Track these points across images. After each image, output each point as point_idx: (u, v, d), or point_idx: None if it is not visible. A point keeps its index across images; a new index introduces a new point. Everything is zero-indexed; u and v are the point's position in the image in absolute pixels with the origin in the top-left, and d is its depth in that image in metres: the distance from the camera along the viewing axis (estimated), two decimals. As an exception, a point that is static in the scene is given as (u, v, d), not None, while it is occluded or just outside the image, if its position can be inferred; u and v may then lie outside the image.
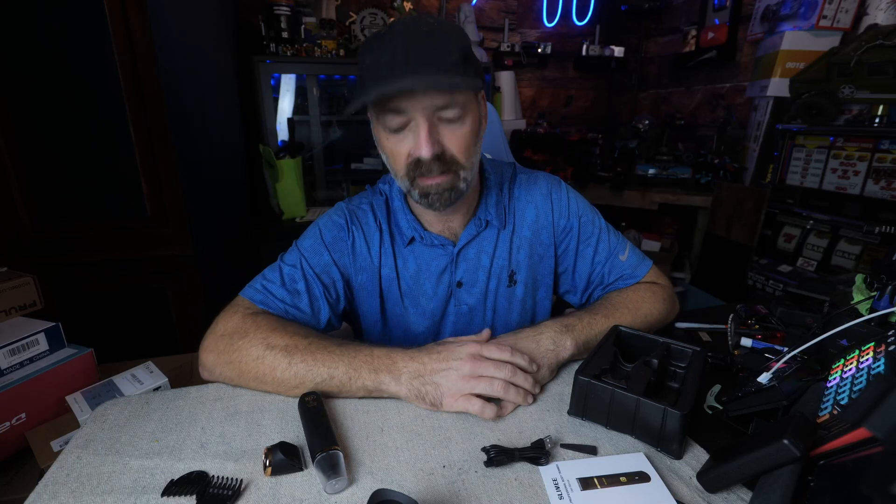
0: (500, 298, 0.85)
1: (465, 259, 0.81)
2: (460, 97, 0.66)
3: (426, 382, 0.61)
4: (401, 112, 0.65)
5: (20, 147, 1.30)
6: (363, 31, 2.25)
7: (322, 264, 0.77)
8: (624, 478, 0.50)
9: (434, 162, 0.66)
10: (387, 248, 0.80)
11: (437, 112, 0.65)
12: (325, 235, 0.79)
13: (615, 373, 0.64)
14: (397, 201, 0.81)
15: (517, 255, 0.83)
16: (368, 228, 0.80)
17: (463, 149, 0.68)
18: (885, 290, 0.67)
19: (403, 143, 0.67)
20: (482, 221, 0.80)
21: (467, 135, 0.68)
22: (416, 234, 0.79)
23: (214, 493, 0.48)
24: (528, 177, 0.86)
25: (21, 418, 0.84)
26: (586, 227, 0.85)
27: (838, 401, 0.48)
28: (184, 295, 1.53)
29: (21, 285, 0.99)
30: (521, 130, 2.81)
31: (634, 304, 0.79)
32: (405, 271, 0.81)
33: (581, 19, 3.03)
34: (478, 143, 0.72)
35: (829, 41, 1.95)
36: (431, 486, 0.50)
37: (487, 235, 0.82)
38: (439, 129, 0.66)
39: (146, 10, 1.27)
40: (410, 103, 0.63)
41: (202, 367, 0.69)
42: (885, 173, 1.61)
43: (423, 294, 0.82)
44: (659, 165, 2.53)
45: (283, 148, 2.19)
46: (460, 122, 0.67)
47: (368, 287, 0.81)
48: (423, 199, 0.70)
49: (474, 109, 0.70)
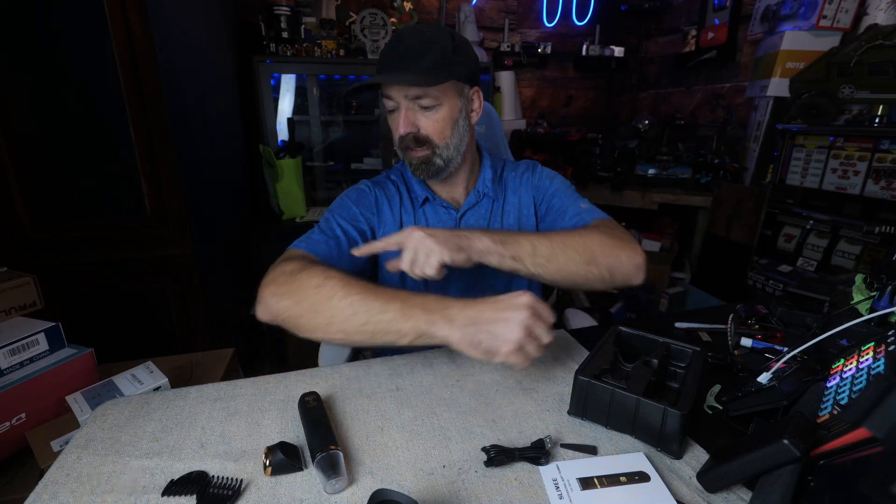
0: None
1: (466, 224, 0.95)
2: (433, 91, 0.81)
3: (481, 331, 0.59)
4: (390, 98, 0.83)
5: (20, 147, 1.30)
6: (363, 31, 2.25)
7: (351, 215, 0.89)
8: (624, 478, 0.50)
9: (410, 139, 0.83)
10: (407, 207, 0.94)
11: (415, 101, 0.82)
12: (350, 196, 0.93)
13: (615, 373, 0.64)
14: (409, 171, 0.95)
15: (508, 219, 0.97)
16: (389, 191, 0.95)
17: (437, 131, 0.84)
18: (885, 290, 0.67)
19: (395, 123, 0.85)
20: (480, 193, 0.96)
21: (441, 120, 0.84)
22: (428, 195, 0.94)
23: (214, 493, 0.48)
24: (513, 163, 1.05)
25: (21, 418, 0.84)
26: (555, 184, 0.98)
27: (838, 401, 0.48)
28: (184, 295, 1.53)
29: (21, 285, 0.99)
30: (521, 130, 2.81)
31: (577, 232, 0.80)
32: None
33: (581, 19, 3.03)
34: (455, 128, 0.86)
35: (829, 41, 1.94)
36: (431, 486, 0.50)
37: (485, 205, 0.97)
38: (417, 114, 0.83)
39: (146, 10, 1.27)
40: (394, 92, 0.82)
41: (261, 303, 0.69)
42: (885, 173, 1.61)
43: None
44: (659, 165, 2.53)
45: (283, 148, 2.19)
46: (434, 110, 0.83)
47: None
48: (409, 166, 0.88)
49: (452, 99, 0.84)
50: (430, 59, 0.80)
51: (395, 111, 0.85)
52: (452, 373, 0.73)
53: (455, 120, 0.86)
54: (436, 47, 0.80)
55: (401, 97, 0.82)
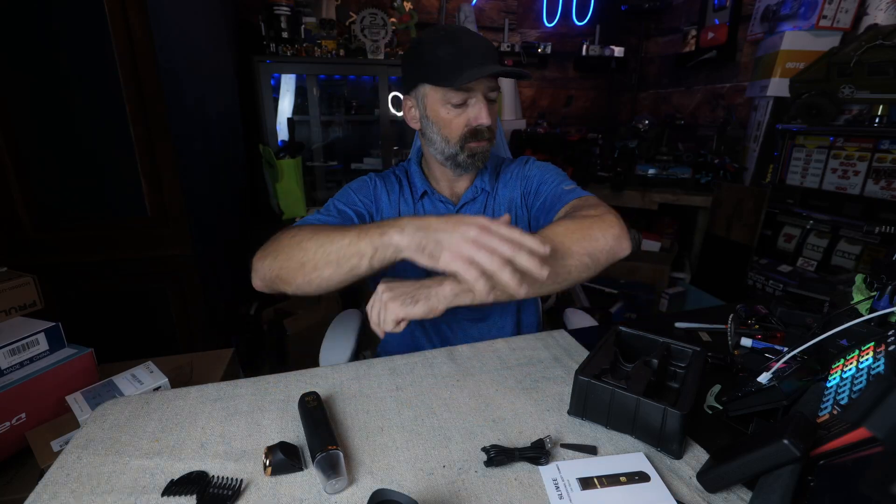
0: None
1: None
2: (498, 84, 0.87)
3: (429, 237, 0.61)
4: (469, 91, 0.84)
5: (20, 147, 1.30)
6: (363, 31, 2.25)
7: (350, 201, 0.94)
8: (624, 478, 0.50)
9: (487, 129, 0.87)
10: (407, 198, 0.98)
11: (490, 92, 0.86)
12: (352, 185, 0.99)
13: (615, 373, 0.64)
14: (413, 167, 1.00)
15: (500, 212, 1.00)
16: (389, 182, 0.99)
17: (495, 122, 0.91)
18: (885, 290, 0.67)
19: (462, 116, 0.86)
20: (478, 189, 0.98)
21: (496, 112, 0.90)
22: (426, 188, 0.97)
23: (214, 493, 0.48)
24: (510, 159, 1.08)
25: (21, 418, 0.84)
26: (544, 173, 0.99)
27: (838, 401, 0.48)
28: (184, 295, 1.53)
29: (21, 285, 0.99)
30: (521, 130, 2.81)
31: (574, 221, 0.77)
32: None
33: (581, 19, 3.03)
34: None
35: (829, 41, 1.94)
36: (431, 486, 0.50)
37: (482, 200, 0.99)
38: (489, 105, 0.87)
39: (146, 10, 1.27)
40: (478, 84, 0.84)
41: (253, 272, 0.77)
42: (885, 173, 1.61)
43: None
44: (659, 165, 2.52)
45: (283, 148, 2.19)
46: (495, 103, 0.89)
47: None
48: (469, 159, 0.89)
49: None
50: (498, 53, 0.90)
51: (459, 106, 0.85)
52: (452, 373, 0.73)
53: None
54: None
55: (483, 89, 0.84)
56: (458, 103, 0.85)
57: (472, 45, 0.83)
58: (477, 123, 0.85)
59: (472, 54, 0.82)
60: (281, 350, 2.03)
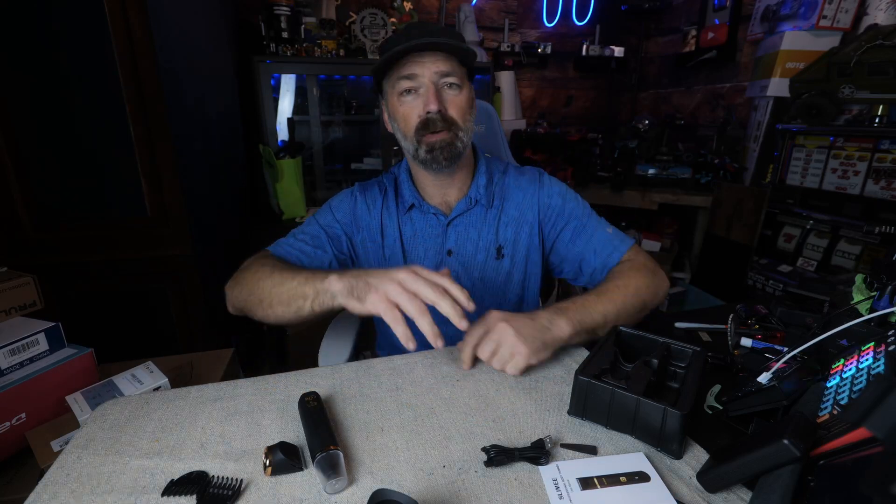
0: (487, 270, 0.94)
1: (455, 230, 0.93)
2: (458, 70, 0.82)
3: (360, 280, 0.66)
4: (412, 78, 0.80)
5: (20, 147, 1.30)
6: (363, 31, 2.25)
7: (327, 221, 0.93)
8: (624, 478, 0.50)
9: (438, 118, 0.81)
10: (391, 211, 0.94)
11: (441, 79, 0.81)
12: (332, 203, 0.96)
13: (615, 373, 0.64)
14: (403, 175, 0.95)
15: (504, 231, 0.94)
16: (371, 195, 0.95)
17: (460, 112, 0.84)
18: (885, 290, 0.67)
19: (413, 106, 0.83)
20: (472, 200, 0.93)
21: (463, 102, 0.84)
22: (415, 200, 0.92)
23: (214, 493, 0.48)
24: (517, 169, 1.00)
25: (21, 418, 0.84)
26: (568, 203, 0.95)
27: (838, 401, 0.48)
28: (184, 295, 1.53)
29: (21, 285, 0.99)
30: (521, 130, 2.81)
31: (624, 281, 0.83)
32: (405, 233, 0.94)
33: (581, 19, 3.03)
34: (472, 114, 0.87)
35: (829, 41, 1.94)
36: (431, 486, 0.50)
37: (476, 212, 0.94)
38: (442, 93, 0.82)
39: (146, 10, 1.27)
40: (421, 69, 0.79)
41: (227, 301, 0.84)
42: (885, 173, 1.61)
43: (417, 257, 0.94)
44: (659, 165, 2.52)
45: (283, 148, 2.19)
46: (458, 90, 0.83)
47: (368, 244, 0.94)
48: (428, 154, 0.83)
49: (469, 86, 0.86)
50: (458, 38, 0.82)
51: (412, 93, 0.82)
52: (452, 373, 0.73)
53: (472, 106, 0.87)
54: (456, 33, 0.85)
55: (429, 73, 0.80)
56: (405, 90, 0.82)
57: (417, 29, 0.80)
58: (425, 110, 0.81)
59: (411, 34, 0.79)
60: (281, 350, 2.03)
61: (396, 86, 0.83)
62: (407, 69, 0.80)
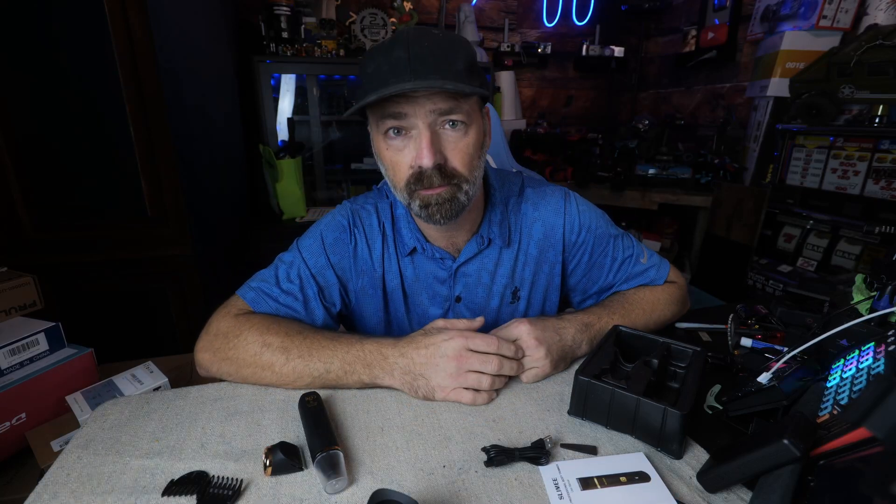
0: (501, 316, 0.84)
1: (464, 275, 0.80)
2: (465, 105, 0.64)
3: (417, 377, 0.64)
4: (401, 117, 0.62)
5: (20, 147, 1.30)
6: (363, 31, 2.25)
7: (319, 266, 0.76)
8: (624, 478, 0.50)
9: (435, 173, 0.64)
10: (390, 252, 0.79)
11: (441, 118, 0.63)
12: (325, 237, 0.77)
13: (615, 373, 0.64)
14: (401, 209, 0.78)
15: (522, 271, 0.82)
16: (371, 231, 0.79)
17: (465, 161, 0.66)
18: (885, 290, 0.67)
19: (404, 153, 0.65)
20: (484, 239, 0.78)
21: (470, 146, 0.66)
22: (417, 244, 0.77)
23: (214, 493, 0.48)
24: (535, 191, 0.83)
25: (21, 418, 0.84)
26: (601, 240, 0.83)
27: (838, 401, 0.48)
28: (184, 295, 1.53)
29: (21, 285, 0.99)
30: (521, 130, 2.81)
31: (650, 305, 0.81)
32: (406, 278, 0.81)
33: (581, 19, 3.03)
34: (481, 156, 0.69)
35: (829, 41, 1.94)
36: (431, 486, 0.50)
37: (489, 253, 0.80)
38: (441, 138, 0.64)
39: (146, 10, 1.27)
40: (412, 108, 0.61)
41: (198, 365, 0.71)
42: (885, 173, 1.61)
43: (421, 304, 0.83)
44: (659, 165, 2.52)
45: (283, 148, 2.19)
46: (463, 132, 0.65)
47: (370, 291, 0.80)
48: (423, 210, 0.67)
49: (478, 121, 0.68)
50: (462, 62, 0.62)
51: (401, 136, 0.64)
52: (452, 373, 0.73)
53: (482, 146, 0.69)
54: (461, 50, 0.63)
55: (423, 114, 0.61)
56: (396, 133, 0.64)
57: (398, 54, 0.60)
58: (417, 164, 0.64)
59: (396, 67, 0.59)
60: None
61: (380, 125, 0.65)
62: (395, 106, 0.62)
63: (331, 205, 2.48)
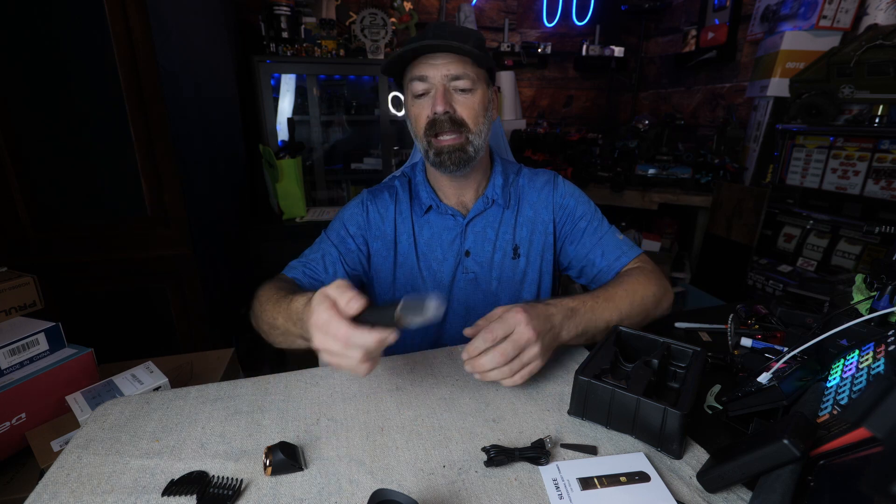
0: (505, 269, 0.95)
1: (472, 231, 0.93)
2: (471, 72, 0.82)
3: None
4: (423, 79, 0.82)
5: (20, 147, 1.30)
6: (363, 31, 2.25)
7: (339, 236, 0.92)
8: (624, 478, 0.50)
9: (446, 119, 0.81)
10: (405, 216, 0.93)
11: (452, 82, 0.81)
12: (343, 215, 0.95)
13: (615, 373, 0.64)
14: (419, 176, 0.95)
15: (520, 231, 0.95)
16: (382, 202, 0.94)
17: (471, 114, 0.83)
18: (885, 290, 0.67)
19: (424, 107, 0.83)
20: (489, 199, 0.93)
21: (475, 104, 0.83)
22: (433, 202, 0.92)
23: (214, 492, 0.48)
24: (530, 171, 1.01)
25: (21, 418, 0.84)
26: (581, 206, 0.96)
27: (838, 401, 0.48)
28: (184, 295, 1.53)
29: (21, 285, 0.99)
30: (521, 130, 2.81)
31: (632, 287, 0.83)
32: (421, 237, 0.94)
33: (581, 19, 3.03)
34: (486, 116, 0.86)
35: (829, 41, 1.94)
36: (431, 486, 0.50)
37: (493, 212, 0.94)
38: (453, 95, 0.82)
39: (146, 10, 1.27)
40: (432, 71, 0.80)
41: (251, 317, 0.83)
42: (885, 173, 1.61)
43: (435, 259, 0.93)
44: (659, 165, 2.52)
45: (283, 148, 2.19)
46: (471, 93, 0.83)
47: (383, 252, 0.94)
48: (437, 158, 0.84)
49: (484, 89, 0.85)
50: (474, 41, 0.82)
51: (423, 95, 0.83)
52: (452, 373, 0.73)
53: (486, 108, 0.86)
54: (473, 34, 0.83)
55: (438, 76, 0.80)
56: (420, 93, 0.83)
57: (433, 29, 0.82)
58: (432, 111, 0.82)
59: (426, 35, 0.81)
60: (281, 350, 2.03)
61: (410, 87, 0.85)
62: (419, 70, 0.82)
63: (331, 205, 2.49)
